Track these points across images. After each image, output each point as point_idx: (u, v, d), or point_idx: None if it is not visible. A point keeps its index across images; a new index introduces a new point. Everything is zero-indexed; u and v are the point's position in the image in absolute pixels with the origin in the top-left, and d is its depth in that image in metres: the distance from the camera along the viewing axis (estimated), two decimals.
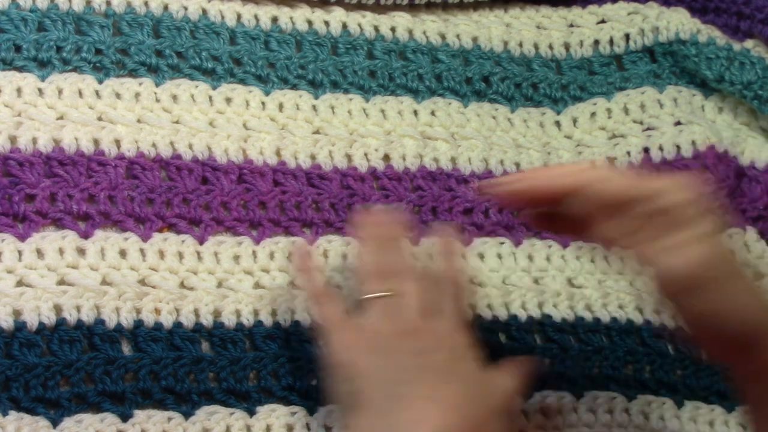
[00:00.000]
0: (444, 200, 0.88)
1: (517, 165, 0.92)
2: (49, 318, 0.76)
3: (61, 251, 0.78)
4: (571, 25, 1.00)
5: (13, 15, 0.84)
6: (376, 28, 0.94)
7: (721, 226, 0.69)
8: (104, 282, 0.78)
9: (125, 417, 0.74)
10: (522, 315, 0.86)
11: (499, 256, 0.88)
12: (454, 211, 0.89)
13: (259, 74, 0.89)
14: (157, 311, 0.78)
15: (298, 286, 0.81)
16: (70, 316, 0.76)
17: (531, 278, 0.88)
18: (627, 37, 0.99)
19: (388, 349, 0.72)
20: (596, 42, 0.99)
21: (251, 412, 0.77)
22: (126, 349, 0.77)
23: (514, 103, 0.95)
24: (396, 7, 0.96)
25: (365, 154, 0.89)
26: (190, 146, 0.85)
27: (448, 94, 0.94)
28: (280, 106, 0.89)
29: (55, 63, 0.84)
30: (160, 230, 0.82)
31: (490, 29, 0.97)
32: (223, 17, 0.90)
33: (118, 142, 0.83)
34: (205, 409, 0.76)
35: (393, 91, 0.92)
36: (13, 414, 0.72)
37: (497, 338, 0.84)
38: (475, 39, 0.97)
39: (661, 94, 0.96)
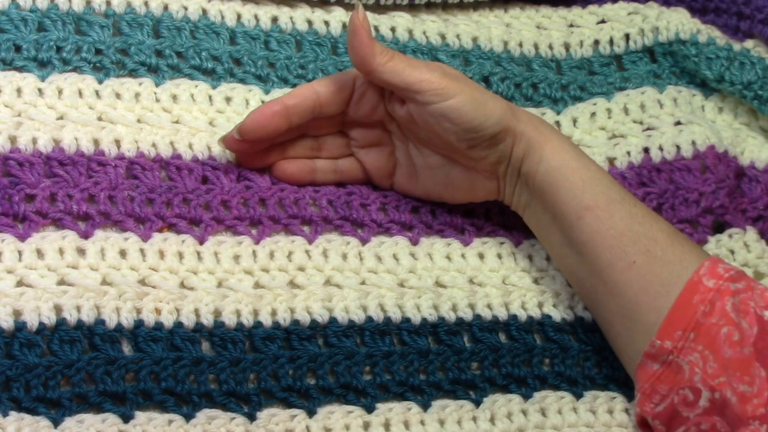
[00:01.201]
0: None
1: None
2: (50, 318, 0.75)
3: (61, 251, 0.78)
4: (571, 25, 1.00)
5: (13, 15, 0.84)
6: (376, 28, 0.94)
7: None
8: (104, 282, 0.78)
9: (126, 418, 0.74)
10: (522, 315, 0.86)
11: (499, 256, 0.88)
12: (453, 212, 0.89)
13: (259, 74, 0.89)
14: (158, 311, 0.78)
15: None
16: (71, 316, 0.76)
17: (531, 278, 0.88)
18: (627, 37, 0.99)
19: None
20: (596, 42, 1.00)
21: (252, 417, 0.77)
22: (126, 349, 0.77)
23: (514, 103, 0.95)
24: (396, 7, 0.96)
25: None
26: (190, 146, 0.85)
27: None
28: None
29: (55, 63, 0.84)
30: (160, 230, 0.82)
31: (490, 29, 0.97)
32: (223, 17, 0.90)
33: (118, 142, 0.83)
34: (205, 412, 0.76)
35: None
36: (13, 414, 0.72)
37: (497, 338, 0.84)
38: (475, 39, 0.97)
39: (661, 94, 0.96)
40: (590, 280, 0.82)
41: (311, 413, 0.78)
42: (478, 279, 0.87)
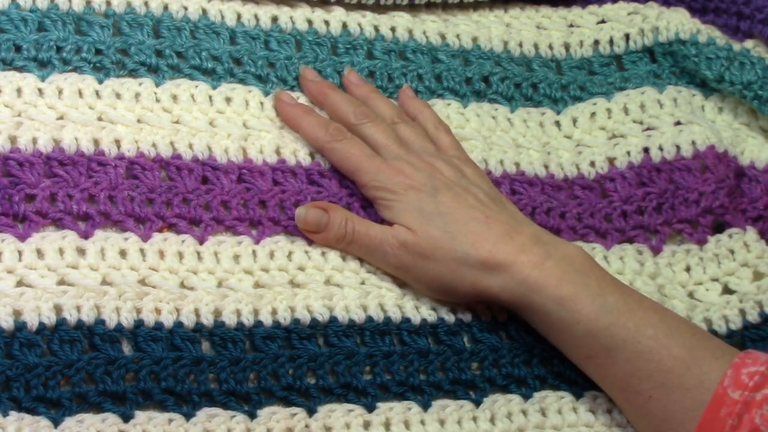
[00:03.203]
0: None
1: (517, 165, 0.92)
2: (50, 318, 0.75)
3: (61, 251, 0.78)
4: (571, 25, 1.00)
5: (13, 15, 0.84)
6: (376, 28, 0.94)
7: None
8: (104, 282, 0.78)
9: (126, 417, 0.74)
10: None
11: None
12: None
13: (258, 74, 0.89)
14: (158, 311, 0.78)
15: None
16: (71, 316, 0.76)
17: None
18: (627, 37, 0.99)
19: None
20: (596, 42, 1.00)
21: (252, 415, 0.77)
22: (126, 349, 0.77)
23: (514, 103, 0.95)
24: (396, 7, 0.96)
25: None
26: (190, 146, 0.85)
27: (447, 94, 0.94)
28: None
29: (55, 63, 0.84)
30: (160, 230, 0.82)
31: (490, 29, 0.98)
32: (223, 17, 0.90)
33: (118, 142, 0.83)
34: (205, 411, 0.76)
35: (392, 92, 0.93)
36: (14, 414, 0.72)
37: (497, 338, 0.84)
38: (475, 39, 0.97)
39: (661, 94, 0.96)
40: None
41: (311, 412, 0.78)
42: None
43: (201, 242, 0.82)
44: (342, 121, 0.87)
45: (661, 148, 0.94)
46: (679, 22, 0.97)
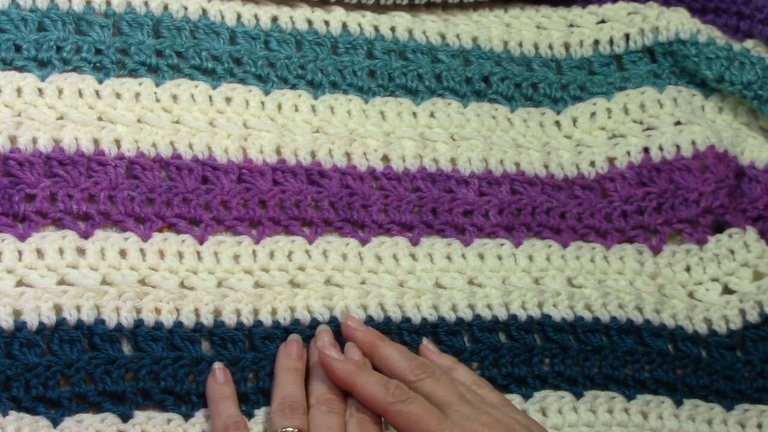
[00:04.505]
0: (444, 201, 0.88)
1: (517, 165, 0.92)
2: (49, 318, 0.76)
3: (61, 251, 0.78)
4: (571, 25, 1.00)
5: (13, 15, 0.84)
6: (376, 28, 0.94)
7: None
8: (104, 282, 0.78)
9: (125, 417, 0.74)
10: (522, 315, 0.86)
11: (499, 257, 0.88)
12: (454, 212, 0.89)
13: (258, 74, 0.89)
14: (158, 311, 0.78)
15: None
16: (70, 316, 0.76)
17: (531, 278, 0.88)
18: (627, 37, 0.99)
19: None
20: (596, 42, 1.00)
21: (249, 415, 0.77)
22: (126, 348, 0.77)
23: (514, 103, 0.95)
24: (396, 7, 0.96)
25: (364, 154, 0.89)
26: (190, 146, 0.85)
27: (447, 94, 0.94)
28: (279, 107, 0.89)
29: (55, 63, 0.84)
30: (160, 230, 0.82)
31: (490, 29, 0.98)
32: (223, 17, 0.90)
33: (118, 142, 0.83)
34: (204, 411, 0.76)
35: (392, 91, 0.92)
36: (13, 414, 0.72)
37: (497, 338, 0.85)
38: (475, 39, 0.97)
39: (661, 94, 0.96)
40: None
41: None
42: (478, 280, 0.87)
43: (201, 242, 0.82)
44: (397, 376, 0.78)
45: (661, 148, 0.94)
46: (679, 22, 0.97)
